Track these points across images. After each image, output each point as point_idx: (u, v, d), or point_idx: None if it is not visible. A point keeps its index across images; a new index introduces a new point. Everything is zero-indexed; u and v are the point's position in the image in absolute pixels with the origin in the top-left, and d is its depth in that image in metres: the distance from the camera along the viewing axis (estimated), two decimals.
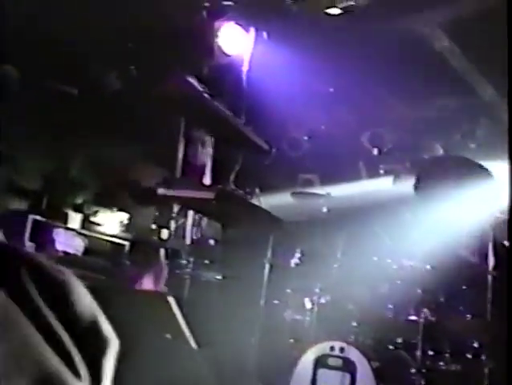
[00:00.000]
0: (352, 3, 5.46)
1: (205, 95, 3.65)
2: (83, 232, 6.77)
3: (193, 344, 2.71)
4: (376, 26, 5.85)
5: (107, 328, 0.63)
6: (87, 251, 6.70)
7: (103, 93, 6.61)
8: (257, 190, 6.19)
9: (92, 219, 7.15)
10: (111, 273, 6.34)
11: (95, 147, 7.03)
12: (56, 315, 0.59)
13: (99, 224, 7.14)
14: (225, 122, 3.87)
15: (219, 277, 3.89)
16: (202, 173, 4.63)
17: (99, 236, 6.93)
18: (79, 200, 7.32)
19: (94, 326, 0.61)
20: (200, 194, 3.53)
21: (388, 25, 5.90)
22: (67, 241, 6.51)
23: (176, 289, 4.36)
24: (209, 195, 3.49)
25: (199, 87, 3.64)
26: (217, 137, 4.11)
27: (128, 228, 7.20)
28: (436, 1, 5.42)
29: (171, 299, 2.64)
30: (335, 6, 5.58)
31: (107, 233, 7.04)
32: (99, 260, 6.62)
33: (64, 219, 6.75)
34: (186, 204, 4.18)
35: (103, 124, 6.68)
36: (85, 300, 0.62)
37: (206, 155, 4.88)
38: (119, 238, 6.92)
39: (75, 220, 6.79)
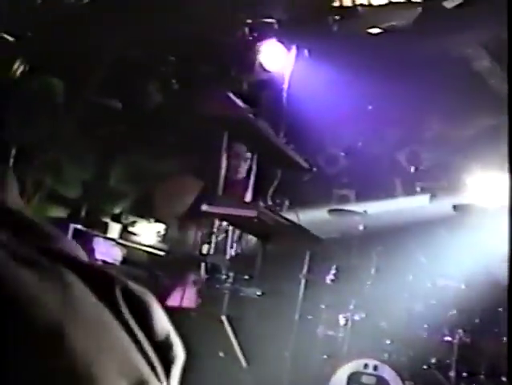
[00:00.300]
0: (394, 23, 5.52)
1: (249, 114, 3.71)
2: (122, 242, 6.88)
3: (242, 362, 2.78)
4: (417, 45, 5.89)
5: (177, 342, 0.71)
6: (124, 261, 6.81)
7: (145, 106, 6.74)
8: (294, 206, 6.25)
9: (130, 229, 7.25)
10: (148, 284, 6.44)
11: (135, 159, 7.16)
12: (141, 330, 0.67)
13: (136, 235, 7.25)
14: (267, 140, 3.95)
15: (259, 293, 3.95)
16: (243, 189, 4.70)
17: (137, 246, 7.03)
18: (118, 210, 7.44)
19: (169, 341, 0.69)
20: (242, 212, 3.60)
21: (429, 44, 5.93)
22: (106, 251, 6.62)
23: (215, 304, 4.44)
24: (251, 213, 3.56)
25: (242, 105, 3.71)
26: (259, 154, 4.18)
27: (164, 238, 7.30)
28: (479, 23, 5.44)
29: (224, 318, 2.69)
30: (376, 27, 5.63)
31: (145, 243, 7.14)
32: (136, 270, 6.72)
33: (103, 228, 6.86)
34: (228, 221, 4.26)
35: (144, 136, 6.81)
36: (163, 318, 0.70)
37: (248, 171, 4.95)
38: (157, 249, 7.01)
39: (113, 229, 6.91)
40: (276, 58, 6.65)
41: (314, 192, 7.58)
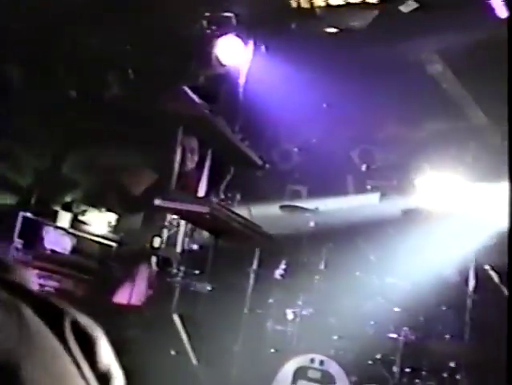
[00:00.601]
0: (351, 24, 5.59)
1: (206, 110, 3.73)
2: (72, 231, 6.82)
3: (193, 360, 2.81)
4: (373, 47, 5.98)
5: (119, 373, 0.77)
6: (74, 250, 6.75)
7: (101, 96, 6.68)
8: (247, 200, 6.30)
9: (81, 218, 7.20)
10: (98, 274, 6.42)
11: (90, 148, 7.10)
12: (87, 362, 0.72)
13: (87, 224, 7.19)
14: (222, 137, 3.98)
15: (209, 288, 3.97)
16: (196, 184, 4.72)
17: (88, 236, 6.98)
18: (69, 199, 7.37)
19: (110, 372, 0.74)
20: (195, 207, 3.62)
21: (385, 47, 6.03)
22: (56, 240, 6.56)
23: (166, 298, 4.46)
24: (204, 209, 3.58)
25: (198, 101, 3.73)
26: (214, 150, 4.20)
27: (115, 229, 7.27)
28: (435, 28, 5.55)
29: (176, 317, 2.71)
30: (333, 27, 5.70)
31: (95, 233, 7.09)
32: (86, 260, 6.69)
33: (54, 217, 6.79)
34: (181, 216, 4.27)
35: (99, 126, 6.76)
36: (107, 351, 0.75)
37: (200, 165, 4.97)
38: (109, 239, 6.98)
39: (64, 218, 6.84)
40: (233, 52, 6.66)
41: (267, 187, 7.65)
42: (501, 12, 5.07)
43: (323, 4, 5.20)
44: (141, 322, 2.81)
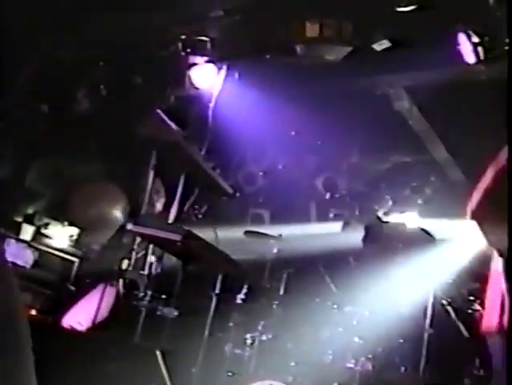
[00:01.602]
0: (324, 57, 5.72)
1: (181, 136, 3.79)
2: (34, 244, 6.77)
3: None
4: (344, 80, 6.13)
5: None
6: (36, 264, 6.70)
7: (71, 110, 6.68)
8: (211, 221, 6.36)
9: (43, 231, 7.14)
10: (59, 290, 6.38)
11: (56, 161, 7.08)
12: None
13: (49, 237, 7.14)
14: (195, 164, 4.03)
15: (176, 314, 4.01)
16: (167, 208, 4.77)
17: (50, 249, 6.93)
18: (31, 211, 7.31)
19: None
20: (167, 235, 3.66)
21: (355, 81, 6.19)
22: (18, 253, 6.51)
23: (130, 321, 4.48)
24: (176, 237, 3.63)
25: (174, 128, 3.79)
26: (186, 176, 4.26)
27: (77, 243, 7.22)
28: (405, 67, 5.73)
29: (158, 353, 2.75)
30: (307, 57, 5.83)
31: (57, 246, 7.04)
32: (47, 274, 6.64)
33: (16, 229, 6.74)
34: (151, 242, 4.31)
35: (68, 140, 6.75)
36: None
37: (171, 191, 5.02)
38: (70, 254, 6.93)
39: (27, 231, 6.79)
40: (206, 76, 6.74)
41: (230, 209, 7.71)
42: (469, 58, 5.26)
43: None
44: (108, 349, 2.84)
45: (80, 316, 5.25)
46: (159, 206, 4.61)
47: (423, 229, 5.83)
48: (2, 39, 5.77)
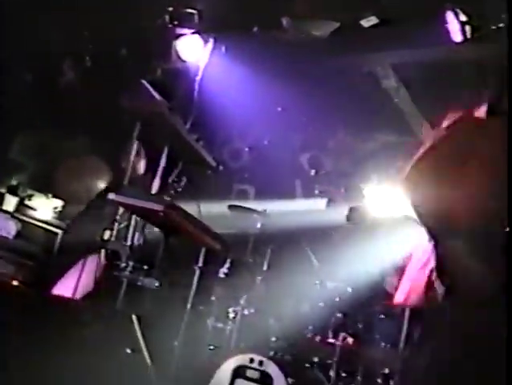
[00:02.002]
0: (312, 33, 5.69)
1: (165, 108, 3.77)
2: (17, 216, 6.74)
3: (148, 359, 2.85)
4: (331, 57, 6.10)
5: None
6: (18, 235, 6.68)
7: (57, 82, 6.62)
8: (195, 196, 6.35)
9: (27, 203, 7.10)
10: (42, 261, 6.36)
11: (41, 133, 7.02)
12: None
13: (33, 209, 7.11)
14: (179, 136, 4.01)
15: (157, 285, 4.01)
16: (150, 179, 4.74)
17: (33, 221, 6.90)
18: (15, 182, 7.26)
19: None
20: (149, 205, 3.65)
21: (342, 57, 6.17)
22: (0, 224, 6.48)
23: (113, 292, 4.48)
24: (158, 207, 3.61)
25: (158, 98, 3.76)
26: (170, 148, 4.24)
27: (61, 215, 7.19)
28: (393, 44, 5.71)
29: (134, 317, 2.75)
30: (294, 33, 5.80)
31: (41, 218, 7.01)
32: (30, 245, 6.62)
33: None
34: (133, 212, 4.29)
35: (53, 112, 6.69)
36: None
37: (148, 164, 5.00)
38: (54, 226, 6.91)
39: (10, 202, 6.75)
40: (193, 49, 6.70)
41: (215, 184, 7.69)
42: (457, 37, 5.25)
43: None
44: (86, 316, 2.84)
45: (67, 288, 5.24)
46: (141, 168, 4.58)
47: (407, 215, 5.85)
48: None
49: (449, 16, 5.42)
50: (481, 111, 3.08)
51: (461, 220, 2.91)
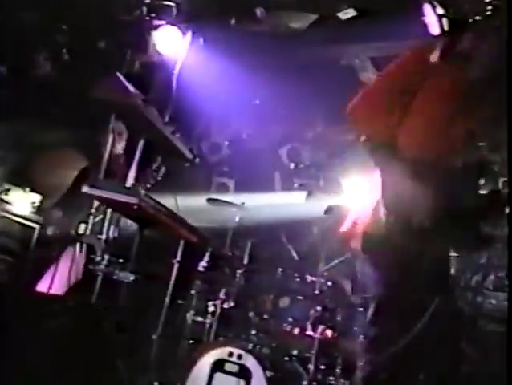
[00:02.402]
0: (289, 25, 5.68)
1: (139, 100, 3.73)
2: None
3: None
4: (310, 49, 6.08)
5: None
6: None
7: (32, 73, 6.55)
8: (174, 190, 6.33)
9: (3, 197, 7.01)
10: (19, 257, 6.30)
11: (17, 126, 6.95)
12: None
13: (9, 203, 7.02)
14: (154, 128, 3.98)
15: (132, 278, 3.97)
16: (125, 171, 4.69)
17: (10, 216, 6.82)
18: None
19: None
20: (123, 198, 3.62)
21: (320, 50, 6.15)
22: None
23: (88, 286, 4.45)
24: (133, 200, 3.59)
25: (132, 91, 3.72)
26: (146, 140, 4.20)
27: (39, 210, 7.12)
28: (371, 37, 5.70)
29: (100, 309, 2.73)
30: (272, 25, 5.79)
31: (18, 213, 6.93)
32: (7, 240, 6.55)
33: None
34: (108, 205, 4.26)
35: (29, 104, 6.62)
36: None
37: (127, 152, 4.96)
38: (31, 221, 6.83)
39: None
40: (171, 42, 6.65)
41: (194, 178, 7.66)
42: (434, 29, 5.23)
43: None
44: (65, 311, 2.81)
45: (49, 283, 5.18)
46: (119, 148, 4.53)
47: None
48: None
49: (427, 9, 5.41)
50: (434, 56, 3.18)
51: (406, 149, 2.95)
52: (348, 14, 5.40)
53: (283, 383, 5.01)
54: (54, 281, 4.17)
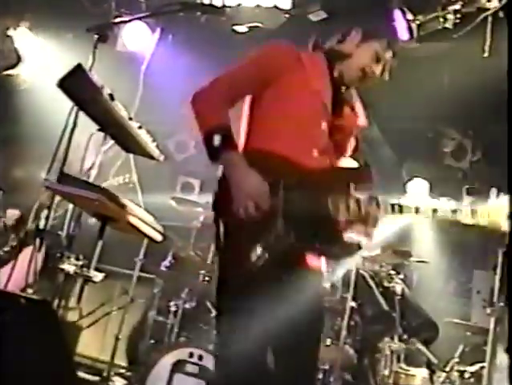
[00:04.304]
0: (259, 25, 5.64)
1: (104, 93, 3.64)
2: None
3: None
4: None
5: None
6: None
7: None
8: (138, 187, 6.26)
9: None
10: None
11: None
12: None
13: None
14: (119, 123, 3.89)
15: (91, 275, 3.89)
16: (89, 167, 4.59)
17: None
18: None
19: None
20: (84, 193, 3.53)
21: None
22: None
23: (48, 282, 4.36)
24: (93, 196, 3.51)
25: (98, 84, 3.64)
26: (110, 136, 4.11)
27: None
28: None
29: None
30: (242, 25, 5.74)
31: None
32: None
33: None
34: (69, 200, 4.16)
35: None
36: None
37: (94, 149, 4.85)
38: None
39: None
40: (139, 37, 6.58)
41: (159, 176, 7.57)
42: (403, 35, 5.26)
43: (234, 4, 5.22)
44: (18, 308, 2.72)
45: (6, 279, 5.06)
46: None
47: None
48: None
49: (397, 14, 5.43)
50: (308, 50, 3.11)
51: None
52: (319, 16, 5.39)
53: None
54: (12, 278, 4.06)
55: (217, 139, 2.73)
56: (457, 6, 5.16)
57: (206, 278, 5.81)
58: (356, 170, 2.85)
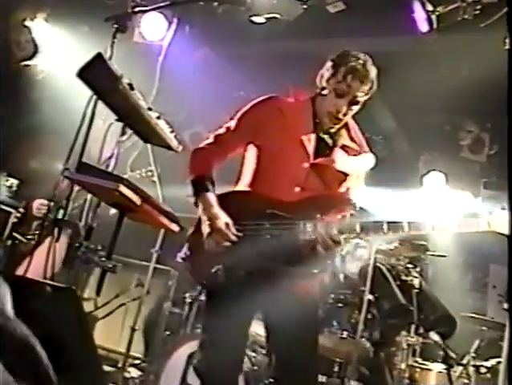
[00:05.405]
0: (277, 16, 5.62)
1: (125, 83, 3.64)
2: None
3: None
4: (295, 41, 6.03)
5: None
6: None
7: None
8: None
9: None
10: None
11: None
12: None
13: None
14: (139, 113, 3.88)
15: (110, 266, 3.89)
16: (108, 157, 4.58)
17: None
18: None
19: None
20: (103, 182, 3.53)
21: (306, 42, 6.09)
22: None
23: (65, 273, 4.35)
24: (112, 185, 3.50)
25: (118, 73, 3.63)
26: (129, 126, 4.10)
27: (16, 195, 6.99)
28: (359, 31, 5.63)
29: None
30: (259, 15, 5.71)
31: None
32: None
33: None
34: (87, 190, 4.16)
35: (8, 87, 6.50)
36: None
37: (113, 139, 4.84)
38: (8, 205, 6.69)
39: None
40: (156, 28, 6.56)
41: (175, 167, 7.55)
42: (423, 26, 5.22)
43: None
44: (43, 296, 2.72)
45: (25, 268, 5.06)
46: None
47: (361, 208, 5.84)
48: None
49: (416, 5, 5.39)
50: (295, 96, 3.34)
51: None
52: (337, 7, 5.35)
53: (259, 376, 4.95)
54: (30, 267, 4.06)
55: (194, 187, 3.45)
56: None
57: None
58: (333, 197, 3.16)
